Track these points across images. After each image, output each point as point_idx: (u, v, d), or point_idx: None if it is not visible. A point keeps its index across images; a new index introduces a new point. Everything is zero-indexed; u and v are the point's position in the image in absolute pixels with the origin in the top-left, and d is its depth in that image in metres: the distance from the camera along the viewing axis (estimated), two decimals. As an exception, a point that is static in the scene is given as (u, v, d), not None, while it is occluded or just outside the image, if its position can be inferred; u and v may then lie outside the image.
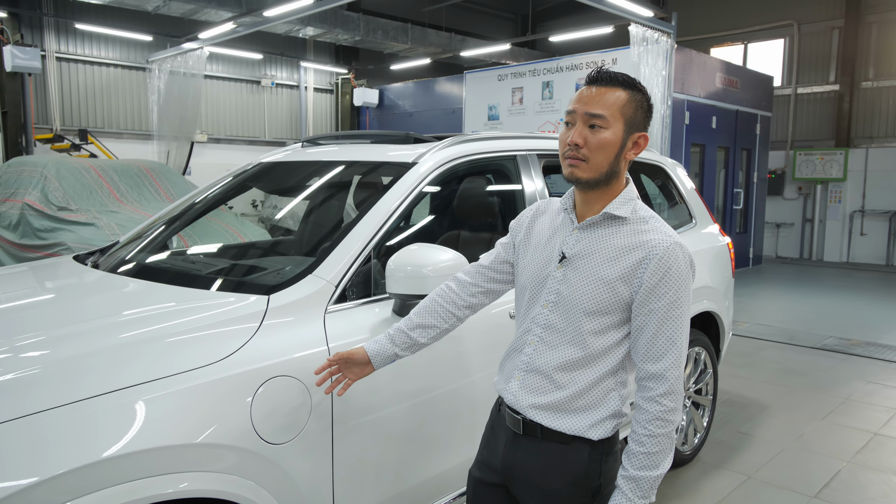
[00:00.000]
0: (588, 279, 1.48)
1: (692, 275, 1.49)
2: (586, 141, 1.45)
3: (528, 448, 1.56)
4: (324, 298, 1.90)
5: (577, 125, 1.47)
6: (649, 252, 1.44)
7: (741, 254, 10.94)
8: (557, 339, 1.52)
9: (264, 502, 1.66)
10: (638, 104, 1.48)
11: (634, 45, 7.75)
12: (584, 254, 1.50)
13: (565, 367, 1.51)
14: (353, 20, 11.44)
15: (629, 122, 1.47)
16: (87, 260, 2.59)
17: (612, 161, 1.47)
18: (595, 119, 1.45)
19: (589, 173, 1.46)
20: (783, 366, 5.39)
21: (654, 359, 1.44)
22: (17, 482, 1.27)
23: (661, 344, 1.44)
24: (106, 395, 1.46)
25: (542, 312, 1.54)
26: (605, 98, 1.45)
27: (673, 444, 1.46)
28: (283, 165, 2.94)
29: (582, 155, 1.45)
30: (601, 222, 1.51)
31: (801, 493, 3.20)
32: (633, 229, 1.49)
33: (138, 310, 1.89)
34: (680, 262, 1.45)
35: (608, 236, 1.50)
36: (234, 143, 12.71)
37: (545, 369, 1.53)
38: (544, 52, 14.89)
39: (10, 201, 6.30)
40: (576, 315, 1.49)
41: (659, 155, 3.84)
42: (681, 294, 1.44)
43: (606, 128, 1.45)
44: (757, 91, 10.65)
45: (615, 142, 1.45)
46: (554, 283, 1.53)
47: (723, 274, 3.75)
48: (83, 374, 1.50)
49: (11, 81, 9.91)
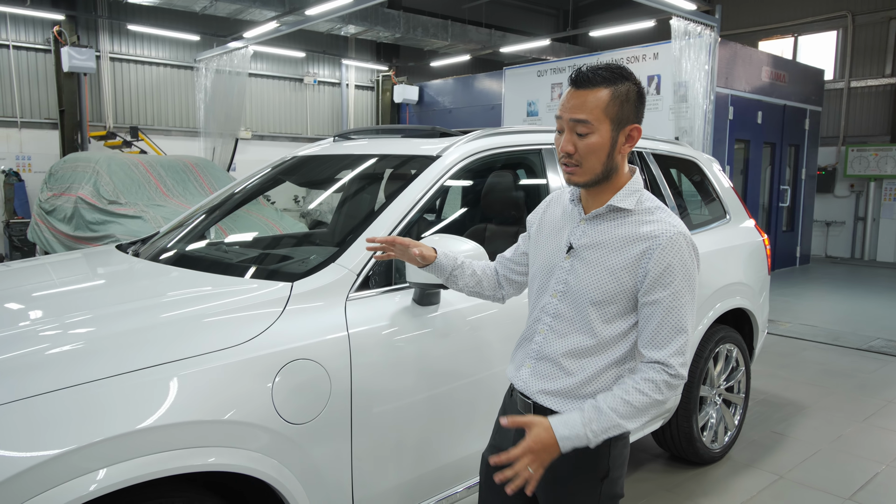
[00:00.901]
0: (594, 269, 1.51)
1: (697, 265, 1.50)
2: (576, 148, 1.47)
3: None
4: (345, 286, 1.97)
5: (565, 132, 1.49)
6: (653, 242, 1.46)
7: (788, 253, 10.63)
8: (566, 328, 1.55)
9: (287, 481, 1.73)
10: (624, 98, 1.46)
11: (676, 40, 7.61)
12: (590, 245, 1.53)
13: (574, 354, 1.54)
14: (393, 17, 11.54)
15: (616, 120, 1.46)
16: (129, 249, 2.72)
17: (605, 161, 1.49)
18: (580, 125, 1.46)
19: (585, 177, 1.50)
20: (825, 367, 5.24)
21: (659, 346, 1.47)
22: (51, 451, 1.37)
23: (665, 333, 1.46)
24: (140, 371, 1.55)
25: (550, 302, 1.58)
26: (586, 102, 1.45)
27: (650, 416, 1.46)
28: (316, 159, 3.03)
29: (575, 161, 1.48)
30: (606, 214, 1.54)
31: (835, 495, 3.12)
32: (637, 220, 1.51)
33: (171, 294, 1.99)
34: (684, 252, 1.47)
35: (614, 227, 1.52)
36: (277, 139, 12.98)
37: (554, 357, 1.56)
38: (585, 47, 14.73)
39: (65, 195, 6.61)
40: (583, 304, 1.52)
41: (693, 149, 3.79)
42: (685, 284, 1.46)
43: (592, 132, 1.46)
44: (806, 85, 10.32)
45: (604, 144, 1.47)
46: (562, 274, 1.56)
47: (757, 271, 3.68)
48: (119, 352, 1.59)
49: (69, 81, 10.36)
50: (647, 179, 3.23)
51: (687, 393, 3.19)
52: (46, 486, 1.34)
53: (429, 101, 13.62)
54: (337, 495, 1.86)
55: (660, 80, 8.78)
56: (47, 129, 10.56)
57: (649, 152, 3.32)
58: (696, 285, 1.49)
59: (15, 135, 10.31)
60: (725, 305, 3.35)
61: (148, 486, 1.54)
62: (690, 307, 1.47)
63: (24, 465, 1.32)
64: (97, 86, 10.96)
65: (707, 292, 3.20)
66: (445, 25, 12.20)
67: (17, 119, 10.29)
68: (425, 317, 2.09)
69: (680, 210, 3.34)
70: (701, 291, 3.17)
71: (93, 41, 10.80)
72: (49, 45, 10.41)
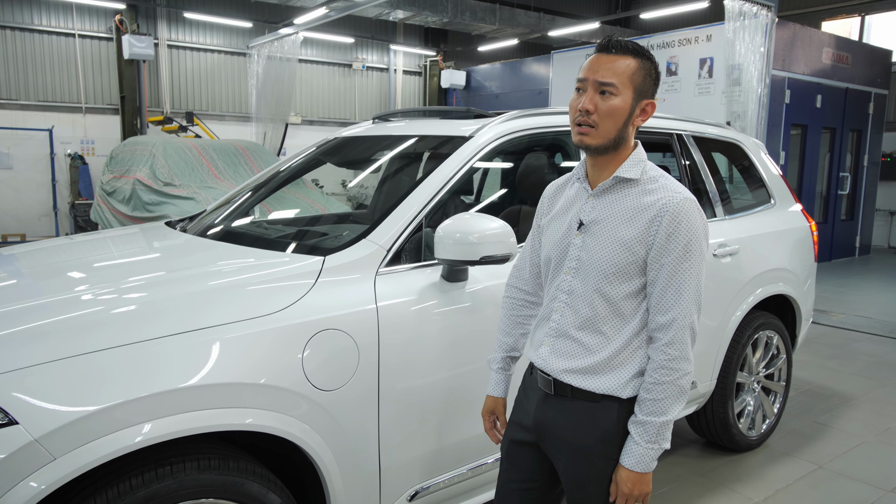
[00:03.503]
0: (605, 242, 1.54)
1: (705, 231, 1.52)
2: (596, 107, 1.50)
3: (558, 407, 1.62)
4: (375, 261, 2.03)
5: (587, 92, 1.52)
6: (661, 209, 1.49)
7: (846, 243, 10.21)
8: (581, 304, 1.57)
9: (318, 446, 1.82)
10: (647, 72, 1.52)
11: (730, 21, 7.37)
12: (600, 219, 1.56)
13: (592, 329, 1.56)
14: (441, 2, 11.54)
15: (638, 90, 1.51)
16: (177, 225, 2.87)
17: (621, 127, 1.52)
18: (605, 86, 1.49)
19: (598, 140, 1.51)
20: (878, 359, 5.07)
21: (663, 311, 1.50)
22: (101, 405, 1.49)
23: (669, 296, 1.49)
24: (184, 333, 1.65)
25: (565, 279, 1.61)
26: (615, 66, 1.49)
27: (682, 393, 1.51)
28: (356, 140, 3.11)
29: (591, 121, 1.50)
30: (613, 186, 1.57)
31: (877, 487, 3.05)
32: (643, 189, 1.53)
33: (210, 266, 2.10)
34: (691, 217, 1.49)
35: (621, 199, 1.55)
36: (326, 124, 13.21)
37: (572, 333, 1.59)
38: (636, 29, 14.39)
39: (124, 177, 6.93)
40: (596, 278, 1.54)
41: (738, 133, 3.70)
42: (690, 248, 1.48)
43: (616, 94, 1.49)
44: (872, 67, 9.84)
45: (624, 109, 1.50)
46: (574, 251, 1.59)
47: (803, 258, 3.59)
48: (166, 316, 1.70)
49: (129, 68, 10.80)
50: (687, 165, 3.18)
51: (723, 379, 3.16)
52: (96, 436, 1.46)
53: (476, 85, 13.59)
54: (364, 461, 1.94)
55: (712, 63, 8.53)
56: (109, 114, 11.05)
57: (689, 135, 3.26)
58: (703, 250, 1.51)
59: (80, 120, 10.83)
60: (766, 291, 3.29)
61: (187, 443, 1.65)
62: (697, 272, 1.50)
63: (76, 415, 1.44)
64: (155, 72, 11.37)
65: (746, 277, 3.15)
66: (493, 9, 12.13)
67: (81, 105, 10.80)
68: (453, 293, 2.14)
69: (721, 195, 3.27)
70: (739, 276, 3.12)
71: (151, 29, 11.20)
72: (111, 33, 10.85)
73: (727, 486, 3.04)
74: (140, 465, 1.56)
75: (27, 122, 10.36)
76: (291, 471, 1.97)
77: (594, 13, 15.20)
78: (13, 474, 1.38)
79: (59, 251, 2.55)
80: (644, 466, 1.51)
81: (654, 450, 1.51)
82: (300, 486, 1.97)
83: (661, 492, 2.99)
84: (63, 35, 10.54)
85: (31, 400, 1.43)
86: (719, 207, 3.22)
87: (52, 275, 2.13)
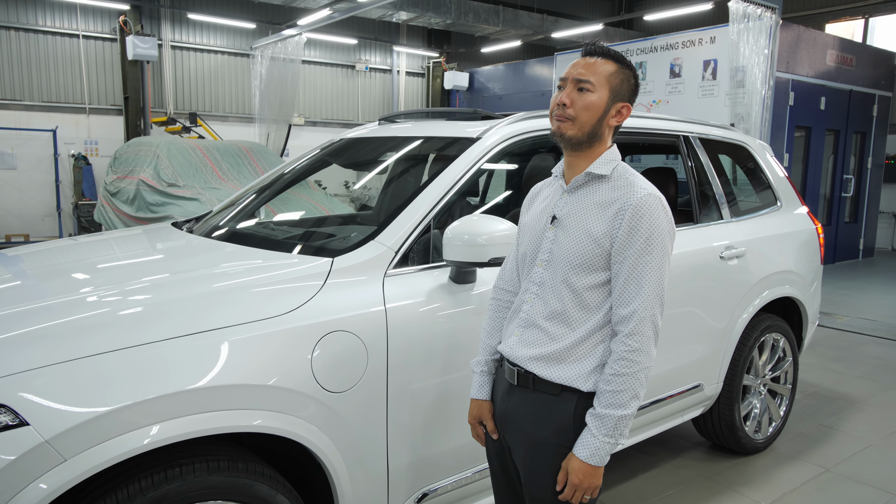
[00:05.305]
0: (575, 235, 1.58)
1: (670, 228, 1.55)
2: (573, 102, 1.58)
3: (520, 398, 1.66)
4: (384, 262, 2.03)
5: (566, 88, 1.60)
6: (624, 203, 1.54)
7: (850, 245, 10.20)
8: (550, 295, 1.61)
9: (326, 448, 1.81)
10: (625, 77, 1.62)
11: (734, 23, 7.36)
12: (571, 213, 1.61)
13: (558, 318, 1.60)
14: (444, 3, 11.54)
15: (614, 91, 1.60)
16: (183, 226, 2.87)
17: (596, 123, 1.59)
18: (583, 83, 1.59)
19: (574, 131, 1.58)
20: (883, 362, 5.05)
21: (625, 303, 1.53)
22: (109, 406, 1.48)
23: (630, 289, 1.52)
24: (192, 335, 1.65)
25: (537, 272, 1.65)
26: (594, 67, 1.60)
27: (641, 386, 1.52)
28: (361, 141, 3.10)
29: (568, 115, 1.58)
30: (586, 183, 1.62)
31: (884, 490, 3.04)
32: (612, 185, 1.59)
33: (218, 267, 2.10)
34: (653, 213, 1.53)
35: (591, 194, 1.61)
36: (329, 125, 13.21)
37: (540, 322, 1.62)
38: (640, 31, 14.39)
39: (128, 178, 6.94)
40: (564, 269, 1.58)
41: (744, 135, 3.69)
42: (652, 242, 1.51)
43: (593, 91, 1.58)
44: (876, 69, 9.83)
45: (600, 105, 1.58)
46: (547, 244, 1.64)
47: (809, 260, 3.58)
48: (173, 317, 1.70)
49: (133, 69, 10.81)
50: (693, 167, 3.17)
51: (730, 381, 3.15)
52: (106, 437, 1.46)
53: (479, 87, 13.58)
54: (373, 463, 1.94)
55: (716, 65, 8.52)
56: (113, 115, 11.06)
57: (696, 136, 3.25)
58: (666, 245, 1.54)
59: (83, 121, 10.85)
60: (773, 294, 3.28)
61: (196, 444, 1.65)
62: (659, 266, 1.52)
63: (85, 416, 1.44)
64: (159, 73, 11.38)
65: (753, 280, 3.14)
66: (497, 11, 12.13)
67: (85, 105, 10.81)
68: (461, 294, 2.13)
69: (727, 197, 3.26)
70: (746, 278, 3.11)
71: (155, 30, 11.21)
72: (115, 34, 10.87)
73: (734, 489, 3.03)
74: (149, 467, 1.55)
75: (31, 122, 10.37)
76: (299, 472, 1.97)
77: (597, 15, 15.21)
78: (23, 476, 1.37)
79: (74, 251, 2.55)
80: (598, 460, 1.51)
81: (609, 444, 1.51)
82: (308, 487, 1.97)
83: (667, 494, 2.99)
84: (67, 36, 10.55)
85: (41, 401, 1.43)
86: (726, 209, 3.21)
87: (65, 275, 2.13)
